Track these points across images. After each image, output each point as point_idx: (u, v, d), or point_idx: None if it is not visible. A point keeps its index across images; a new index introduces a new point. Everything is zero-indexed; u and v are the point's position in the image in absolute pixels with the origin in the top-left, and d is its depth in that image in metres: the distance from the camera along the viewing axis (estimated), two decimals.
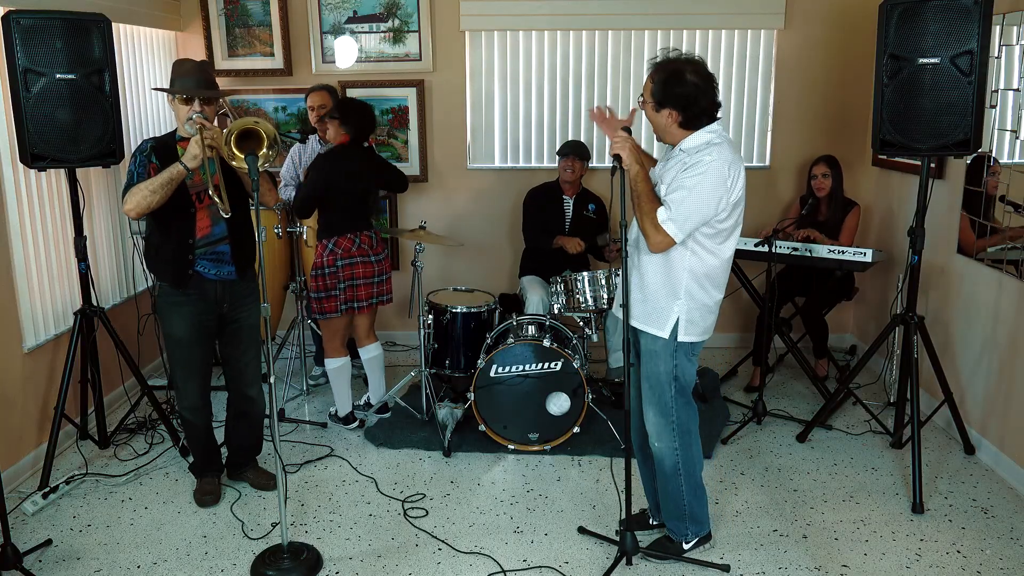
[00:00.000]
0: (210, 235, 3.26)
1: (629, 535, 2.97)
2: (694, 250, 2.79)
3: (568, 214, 4.75)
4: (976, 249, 3.89)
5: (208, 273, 3.27)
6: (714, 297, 2.87)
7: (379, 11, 5.13)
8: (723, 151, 2.73)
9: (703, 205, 2.70)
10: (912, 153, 3.45)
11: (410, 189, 5.35)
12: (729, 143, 2.80)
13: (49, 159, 3.49)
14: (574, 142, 4.75)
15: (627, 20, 5.07)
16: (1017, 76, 3.57)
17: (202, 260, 3.26)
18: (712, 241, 2.79)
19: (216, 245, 3.27)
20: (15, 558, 2.92)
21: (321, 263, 3.96)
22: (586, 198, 4.77)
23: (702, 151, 2.74)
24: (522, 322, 4.11)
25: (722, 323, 5.69)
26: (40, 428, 3.84)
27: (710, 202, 2.70)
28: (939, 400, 3.94)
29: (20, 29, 3.35)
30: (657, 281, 2.84)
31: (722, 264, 2.85)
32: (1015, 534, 3.27)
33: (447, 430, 4.01)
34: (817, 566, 3.06)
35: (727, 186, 2.71)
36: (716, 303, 2.90)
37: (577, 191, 4.75)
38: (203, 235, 3.25)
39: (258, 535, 3.28)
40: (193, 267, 3.25)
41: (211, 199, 3.17)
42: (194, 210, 3.22)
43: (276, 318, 4.75)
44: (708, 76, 2.75)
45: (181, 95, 3.17)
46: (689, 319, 2.84)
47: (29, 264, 3.80)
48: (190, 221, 3.23)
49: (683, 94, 2.72)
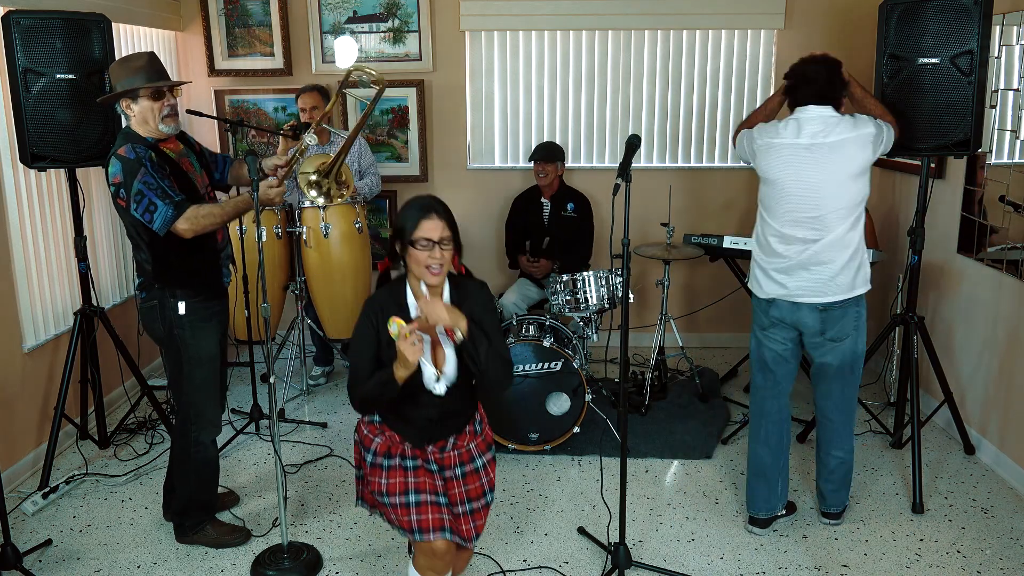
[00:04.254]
0: (225, 236, 3.17)
1: (623, 548, 2.97)
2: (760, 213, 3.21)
3: (546, 215, 4.77)
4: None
5: (226, 280, 3.16)
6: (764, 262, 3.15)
7: (379, 11, 5.13)
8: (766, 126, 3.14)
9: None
10: (912, 153, 3.45)
11: (410, 189, 5.37)
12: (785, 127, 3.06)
13: (49, 159, 3.49)
14: (543, 145, 4.73)
15: (627, 20, 5.08)
16: (1017, 76, 3.57)
17: (223, 267, 3.15)
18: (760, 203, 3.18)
19: (228, 246, 3.20)
20: (15, 558, 2.92)
21: None
22: (565, 197, 4.76)
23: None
24: (522, 322, 4.11)
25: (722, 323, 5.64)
26: (40, 428, 3.84)
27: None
28: (939, 400, 3.94)
29: (20, 29, 3.35)
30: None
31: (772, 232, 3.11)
32: (1015, 534, 3.27)
33: None
34: (817, 566, 3.06)
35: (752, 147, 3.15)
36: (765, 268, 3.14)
37: (555, 191, 4.75)
38: (222, 236, 3.14)
39: (258, 535, 3.28)
40: (220, 274, 3.11)
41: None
42: None
43: (276, 318, 4.75)
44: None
45: (148, 91, 2.86)
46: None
47: (29, 264, 3.80)
48: None
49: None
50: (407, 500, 2.40)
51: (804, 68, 3.06)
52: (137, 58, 2.91)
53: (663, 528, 3.33)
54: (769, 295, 3.12)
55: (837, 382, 3.16)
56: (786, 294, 3.07)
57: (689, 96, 5.21)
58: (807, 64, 3.07)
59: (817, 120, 2.98)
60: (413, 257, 2.30)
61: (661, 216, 4.82)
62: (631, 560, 3.00)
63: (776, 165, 3.03)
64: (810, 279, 3.02)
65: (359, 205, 4.44)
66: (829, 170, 2.94)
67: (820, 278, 3.01)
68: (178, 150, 3.03)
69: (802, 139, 2.97)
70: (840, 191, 2.95)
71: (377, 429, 2.48)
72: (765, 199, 3.12)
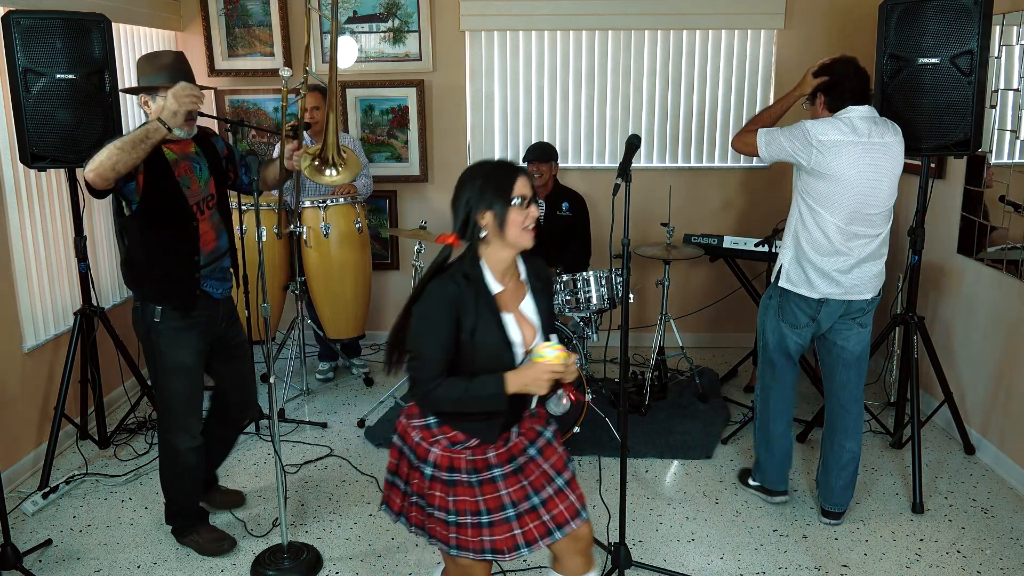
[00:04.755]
0: (216, 249, 3.00)
1: (623, 548, 2.97)
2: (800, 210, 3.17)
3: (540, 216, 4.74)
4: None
5: (216, 292, 3.01)
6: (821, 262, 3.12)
7: (379, 11, 5.13)
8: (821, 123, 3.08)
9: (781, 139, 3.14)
10: (912, 153, 3.45)
11: (410, 189, 5.38)
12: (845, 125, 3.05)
13: (49, 159, 3.49)
14: (536, 146, 4.69)
15: (627, 20, 5.07)
16: (1017, 76, 3.57)
17: (209, 279, 2.98)
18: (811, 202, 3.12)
19: (222, 260, 3.04)
20: (15, 558, 2.92)
21: None
22: (560, 197, 4.75)
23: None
24: None
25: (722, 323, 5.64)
26: (40, 428, 3.84)
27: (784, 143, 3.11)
28: (939, 400, 3.94)
29: (20, 29, 3.35)
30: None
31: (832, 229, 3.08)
32: (1015, 534, 3.27)
33: None
34: (817, 566, 3.06)
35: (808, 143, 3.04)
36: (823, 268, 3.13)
37: (549, 191, 4.74)
38: (210, 249, 2.97)
39: (258, 535, 3.28)
40: (200, 287, 2.95)
41: (210, 209, 2.96)
42: (196, 223, 2.92)
43: (276, 318, 4.75)
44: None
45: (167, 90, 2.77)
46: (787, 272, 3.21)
47: (29, 264, 3.80)
48: (192, 235, 2.91)
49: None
50: (479, 520, 2.15)
51: (844, 67, 3.12)
52: (164, 56, 2.89)
53: (663, 528, 3.33)
54: (823, 295, 3.14)
55: (855, 369, 3.26)
56: (841, 292, 3.13)
57: (689, 96, 5.21)
58: (846, 64, 3.13)
59: (868, 120, 3.07)
60: (509, 221, 2.10)
61: (661, 216, 4.82)
62: (631, 560, 2.99)
63: (843, 162, 3.01)
64: (864, 275, 3.13)
65: (359, 205, 4.45)
66: (885, 169, 3.05)
67: (872, 274, 3.15)
68: (183, 152, 2.92)
69: (863, 138, 3.03)
70: (892, 189, 3.11)
71: (432, 434, 2.20)
72: (823, 196, 3.06)
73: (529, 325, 2.19)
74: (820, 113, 3.16)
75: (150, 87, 2.84)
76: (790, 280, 3.19)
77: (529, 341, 2.16)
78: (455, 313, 2.07)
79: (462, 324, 2.08)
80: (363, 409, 4.46)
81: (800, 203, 3.13)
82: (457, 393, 2.08)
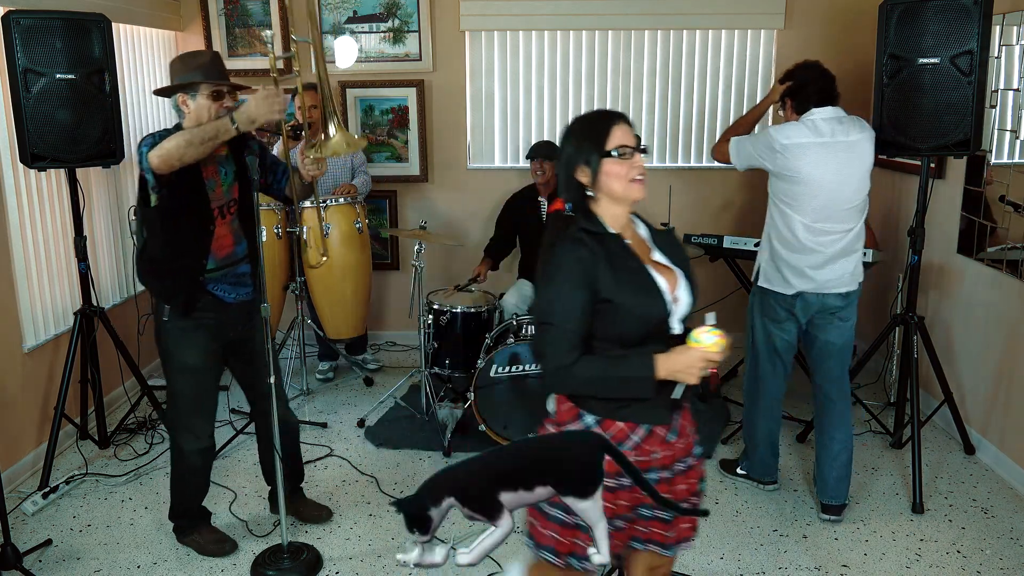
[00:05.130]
0: (232, 254, 2.94)
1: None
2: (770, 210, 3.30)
3: (543, 214, 4.76)
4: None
5: (227, 297, 2.95)
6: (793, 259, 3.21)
7: (379, 11, 5.13)
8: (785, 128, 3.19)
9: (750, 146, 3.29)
10: (912, 153, 3.46)
11: (410, 189, 5.38)
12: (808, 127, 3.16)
13: (49, 159, 3.49)
14: (541, 143, 4.69)
15: (627, 20, 5.07)
16: (1017, 76, 3.56)
17: (220, 284, 2.92)
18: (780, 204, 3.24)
19: (237, 266, 2.96)
20: (15, 558, 2.92)
21: None
22: None
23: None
24: (522, 322, 4.11)
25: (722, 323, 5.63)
26: (40, 428, 3.84)
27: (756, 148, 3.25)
28: (939, 400, 3.94)
29: (20, 29, 3.35)
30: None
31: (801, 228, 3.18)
32: (1015, 534, 3.27)
33: (447, 430, 4.01)
34: (817, 566, 3.06)
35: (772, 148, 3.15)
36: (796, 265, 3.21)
37: (552, 190, 4.75)
38: (225, 254, 2.92)
39: (258, 535, 3.28)
40: (206, 290, 2.90)
41: (231, 214, 2.92)
42: (213, 227, 2.87)
43: (276, 318, 4.75)
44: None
45: (209, 90, 2.80)
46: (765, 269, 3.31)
47: (29, 264, 3.80)
48: (206, 239, 2.86)
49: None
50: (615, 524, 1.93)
51: (806, 72, 3.24)
52: (201, 55, 2.88)
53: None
54: (797, 290, 3.23)
55: (837, 359, 3.34)
56: (815, 287, 3.21)
57: (689, 96, 5.21)
58: (808, 69, 3.25)
59: (832, 120, 3.16)
60: (610, 174, 1.91)
61: (661, 216, 4.82)
62: None
63: (807, 163, 3.11)
64: (838, 270, 3.20)
65: (359, 205, 4.44)
66: (852, 166, 3.14)
67: (846, 270, 3.22)
68: (215, 154, 2.85)
69: (826, 138, 3.13)
70: (860, 186, 3.18)
71: None
72: (790, 197, 3.17)
73: (668, 271, 1.98)
74: (789, 117, 3.27)
75: (187, 84, 2.81)
76: (767, 279, 3.31)
77: (673, 288, 1.95)
78: (588, 277, 1.86)
79: (599, 286, 1.86)
80: (363, 409, 4.46)
81: (771, 204, 3.26)
82: (597, 372, 1.86)
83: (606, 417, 1.92)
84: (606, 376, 1.86)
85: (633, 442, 1.94)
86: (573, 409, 1.95)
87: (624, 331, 1.88)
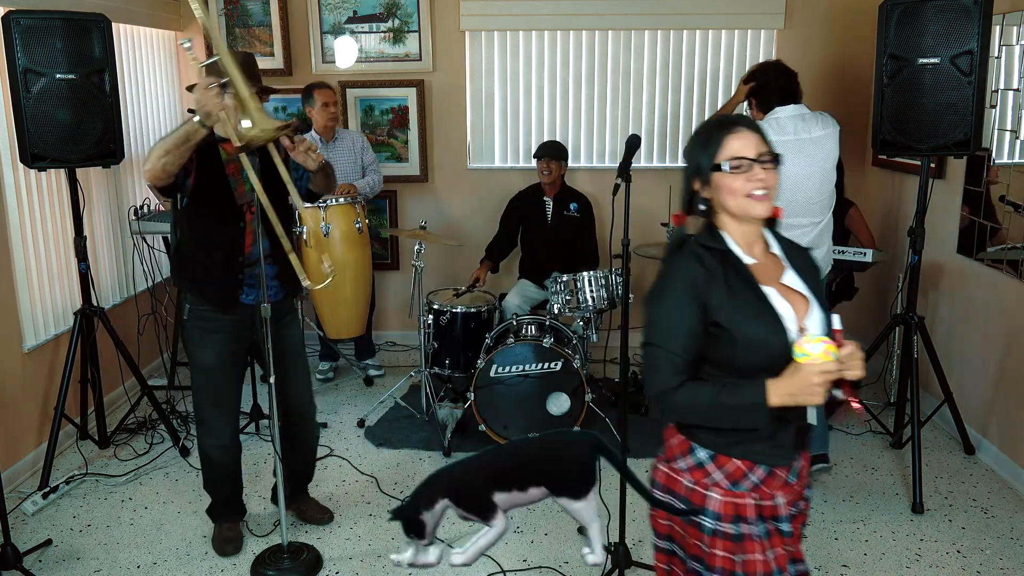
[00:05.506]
0: (250, 255, 2.92)
1: (623, 548, 2.97)
2: None
3: (548, 214, 4.76)
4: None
5: (247, 298, 2.95)
6: None
7: (379, 11, 5.13)
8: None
9: None
10: (912, 153, 3.46)
11: (410, 189, 5.38)
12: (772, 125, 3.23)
13: (49, 159, 3.49)
14: (549, 143, 4.73)
15: (627, 20, 5.07)
16: (1017, 76, 3.57)
17: (242, 284, 2.94)
18: None
19: (255, 267, 2.92)
20: (15, 558, 2.92)
21: None
22: (568, 197, 4.76)
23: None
24: (522, 322, 4.11)
25: None
26: (40, 428, 3.84)
27: None
28: (939, 400, 3.94)
29: (20, 29, 3.35)
30: None
31: None
32: (1015, 534, 3.27)
33: (447, 430, 4.01)
34: (817, 566, 3.06)
35: None
36: None
37: (557, 190, 4.75)
38: (246, 253, 2.93)
39: (259, 535, 3.28)
40: (241, 286, 2.91)
41: (253, 214, 2.85)
42: (243, 224, 2.88)
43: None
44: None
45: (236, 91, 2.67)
46: None
47: (29, 264, 3.80)
48: (240, 236, 2.88)
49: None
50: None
51: (767, 72, 3.37)
52: (234, 56, 2.80)
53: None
54: None
55: None
56: None
57: (689, 96, 5.21)
58: (769, 69, 3.39)
59: (796, 117, 3.27)
60: (724, 188, 1.74)
61: (661, 216, 4.82)
62: (631, 560, 2.99)
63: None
64: None
65: (359, 205, 4.44)
66: (816, 162, 3.25)
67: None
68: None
69: (789, 136, 3.22)
70: (825, 180, 3.29)
71: (706, 474, 1.77)
72: None
73: (799, 296, 1.78)
74: (755, 117, 3.36)
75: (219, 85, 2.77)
76: None
77: (802, 315, 1.75)
78: (699, 295, 1.71)
79: (709, 306, 1.71)
80: (363, 409, 4.46)
81: None
82: (704, 399, 1.69)
83: (720, 452, 1.75)
84: (712, 403, 1.68)
85: (751, 482, 1.75)
86: (684, 442, 1.80)
87: (738, 360, 1.71)
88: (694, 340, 1.71)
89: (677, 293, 1.73)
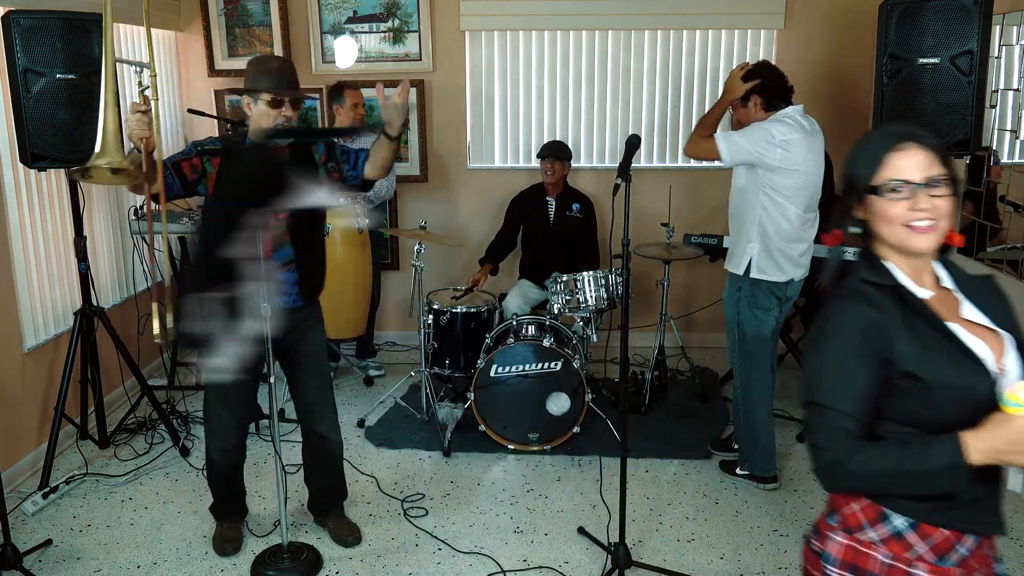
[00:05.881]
0: (280, 256, 2.90)
1: (622, 548, 2.97)
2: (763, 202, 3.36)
3: (551, 214, 4.76)
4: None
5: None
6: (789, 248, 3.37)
7: (379, 11, 5.13)
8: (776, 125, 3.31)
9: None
10: None
11: (410, 189, 5.37)
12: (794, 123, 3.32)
13: (49, 159, 3.48)
14: (553, 143, 4.74)
15: (627, 20, 5.08)
16: (1017, 76, 3.57)
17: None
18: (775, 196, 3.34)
19: (276, 272, 2.88)
20: (15, 558, 2.93)
21: None
22: (570, 198, 4.76)
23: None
24: (522, 322, 4.11)
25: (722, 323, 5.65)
26: (40, 428, 3.84)
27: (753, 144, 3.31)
28: None
29: (20, 29, 3.35)
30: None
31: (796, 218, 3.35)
32: (1015, 534, 3.27)
33: (447, 430, 4.01)
34: None
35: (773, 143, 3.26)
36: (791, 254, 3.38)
37: (560, 191, 4.75)
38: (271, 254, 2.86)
39: (259, 535, 3.28)
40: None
41: (279, 221, 2.84)
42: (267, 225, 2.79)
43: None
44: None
45: (269, 97, 2.80)
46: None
47: (29, 264, 3.80)
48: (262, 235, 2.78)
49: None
50: None
51: (770, 70, 3.42)
52: (271, 60, 2.94)
53: (663, 528, 3.33)
54: (790, 277, 3.42)
55: (774, 339, 3.59)
56: (801, 273, 3.46)
57: (689, 96, 5.21)
58: (771, 68, 3.44)
59: (804, 116, 3.38)
60: (879, 214, 1.48)
61: (661, 216, 4.82)
62: (631, 560, 3.00)
63: (800, 157, 3.29)
64: (809, 254, 3.47)
65: (359, 205, 4.45)
66: (820, 157, 3.41)
67: (811, 253, 3.49)
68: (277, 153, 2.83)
69: (808, 132, 3.33)
70: (824, 177, 3.46)
71: (907, 547, 1.50)
72: (788, 190, 3.32)
73: (987, 332, 1.50)
74: (755, 114, 3.41)
75: (251, 90, 2.83)
76: (761, 270, 3.41)
77: (998, 355, 1.47)
78: (875, 344, 1.44)
79: (894, 355, 1.43)
80: (363, 409, 4.46)
81: (762, 198, 3.35)
82: (887, 464, 1.41)
83: (923, 520, 1.47)
84: (897, 471, 1.40)
85: (959, 555, 1.52)
86: (873, 507, 1.50)
87: (934, 414, 1.43)
88: (869, 398, 1.44)
89: (846, 343, 1.45)
